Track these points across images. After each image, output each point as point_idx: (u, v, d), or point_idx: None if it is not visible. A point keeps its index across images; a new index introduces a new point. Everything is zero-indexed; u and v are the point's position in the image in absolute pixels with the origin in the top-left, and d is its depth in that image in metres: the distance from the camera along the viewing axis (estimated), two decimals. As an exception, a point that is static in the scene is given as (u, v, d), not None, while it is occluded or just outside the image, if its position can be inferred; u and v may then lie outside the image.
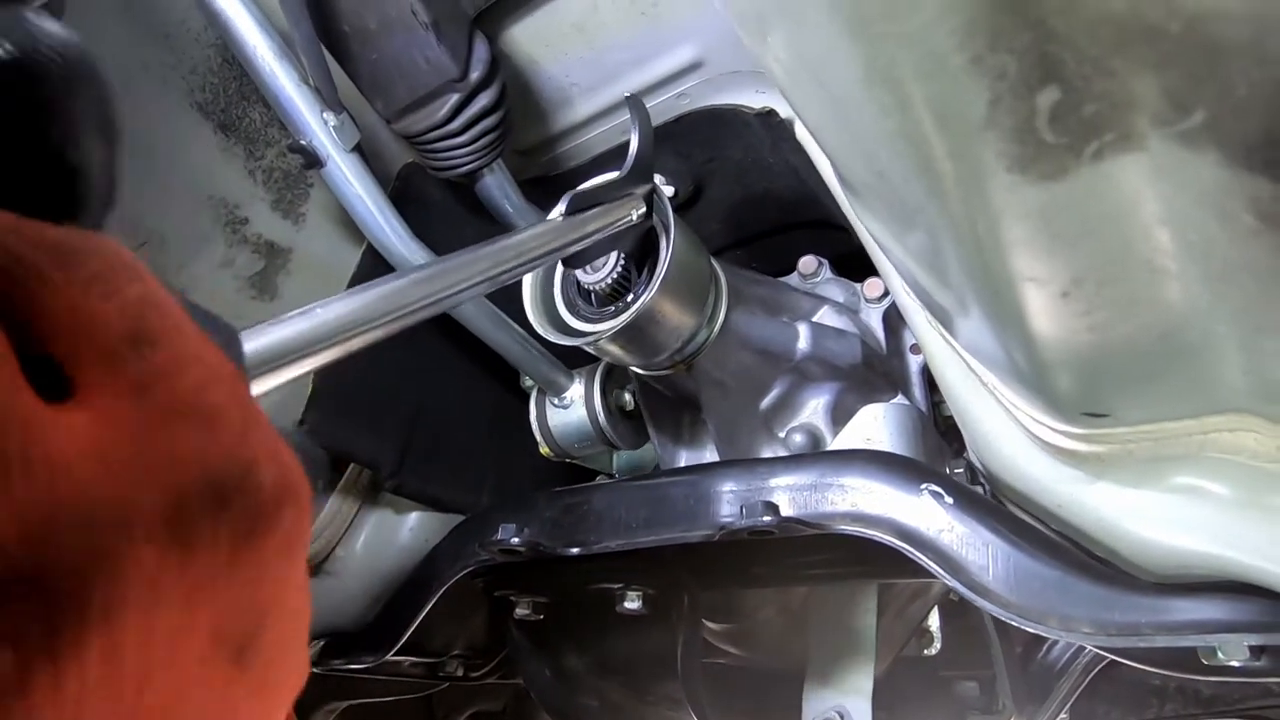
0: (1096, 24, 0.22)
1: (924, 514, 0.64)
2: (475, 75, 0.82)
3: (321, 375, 0.90)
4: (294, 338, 0.33)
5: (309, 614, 0.24)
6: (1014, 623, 0.57)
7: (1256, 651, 0.54)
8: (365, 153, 0.85)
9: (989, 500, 0.65)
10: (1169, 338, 0.36)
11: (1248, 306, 0.31)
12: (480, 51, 0.83)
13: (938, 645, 1.01)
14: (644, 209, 0.71)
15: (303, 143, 0.77)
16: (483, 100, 0.85)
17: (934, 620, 1.00)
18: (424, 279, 0.43)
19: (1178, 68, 0.22)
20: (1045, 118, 0.25)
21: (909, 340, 1.06)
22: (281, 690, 0.22)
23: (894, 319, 1.04)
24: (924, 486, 0.65)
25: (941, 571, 0.61)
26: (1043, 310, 0.36)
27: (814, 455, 0.82)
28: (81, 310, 0.18)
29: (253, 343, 0.30)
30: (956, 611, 1.02)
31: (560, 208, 0.62)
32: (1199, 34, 0.21)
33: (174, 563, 0.17)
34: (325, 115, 0.77)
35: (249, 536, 0.19)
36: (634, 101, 0.67)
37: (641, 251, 0.81)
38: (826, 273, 1.09)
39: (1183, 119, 0.24)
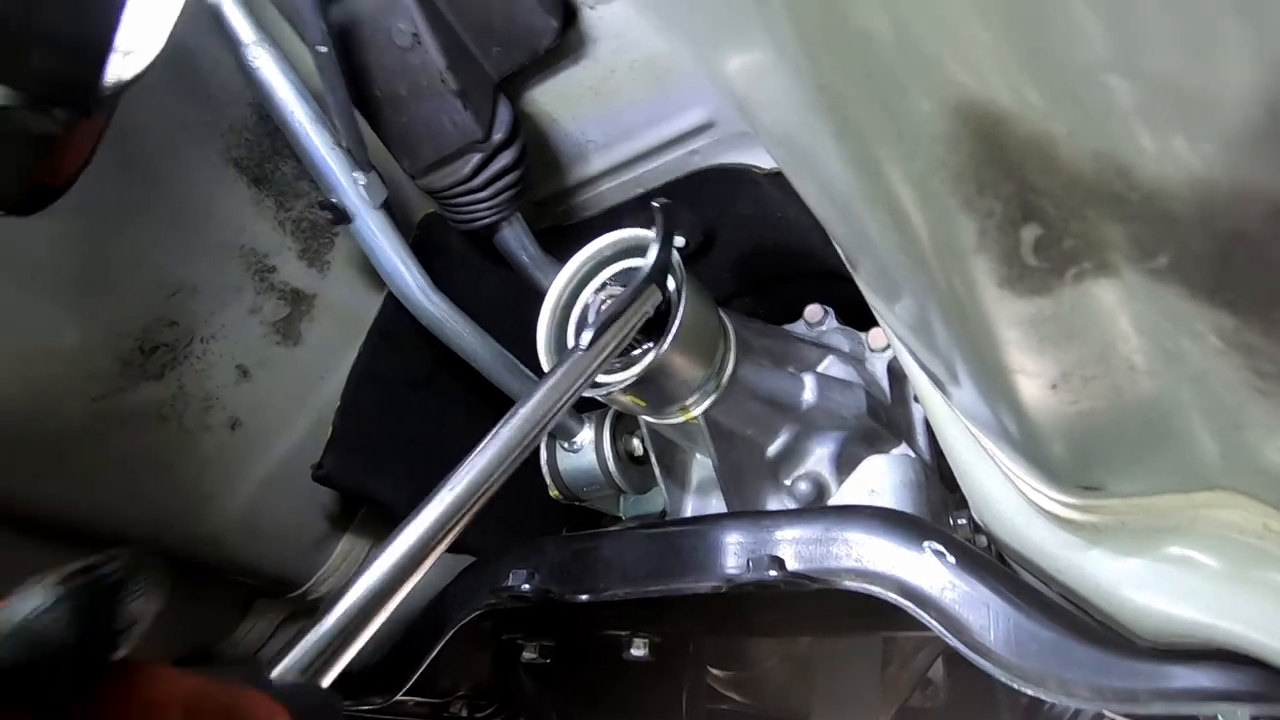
0: (1070, 184, 0.25)
1: (927, 572, 0.65)
2: (498, 136, 0.87)
3: (341, 418, 0.93)
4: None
5: None
6: (1013, 684, 0.58)
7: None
8: (390, 206, 0.90)
9: (991, 560, 0.66)
10: (1152, 425, 0.38)
11: (1222, 406, 0.33)
12: (503, 114, 0.87)
13: (943, 696, 1.01)
14: (659, 298, 0.74)
15: (333, 200, 0.81)
16: (504, 159, 0.89)
17: (938, 671, 1.00)
18: (481, 469, 0.51)
19: (1140, 224, 0.25)
20: (1029, 248, 0.28)
21: (913, 390, 1.08)
22: None
23: (898, 369, 1.06)
24: (927, 544, 0.67)
25: (943, 630, 0.63)
26: (1033, 398, 0.38)
27: (819, 510, 0.84)
28: None
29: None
30: (962, 662, 1.02)
31: (585, 339, 0.65)
32: (1155, 204, 0.24)
33: None
34: (355, 175, 0.81)
35: None
36: (662, 209, 0.71)
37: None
38: (832, 322, 1.11)
39: (1149, 260, 0.26)
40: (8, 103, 0.39)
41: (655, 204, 0.69)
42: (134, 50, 0.45)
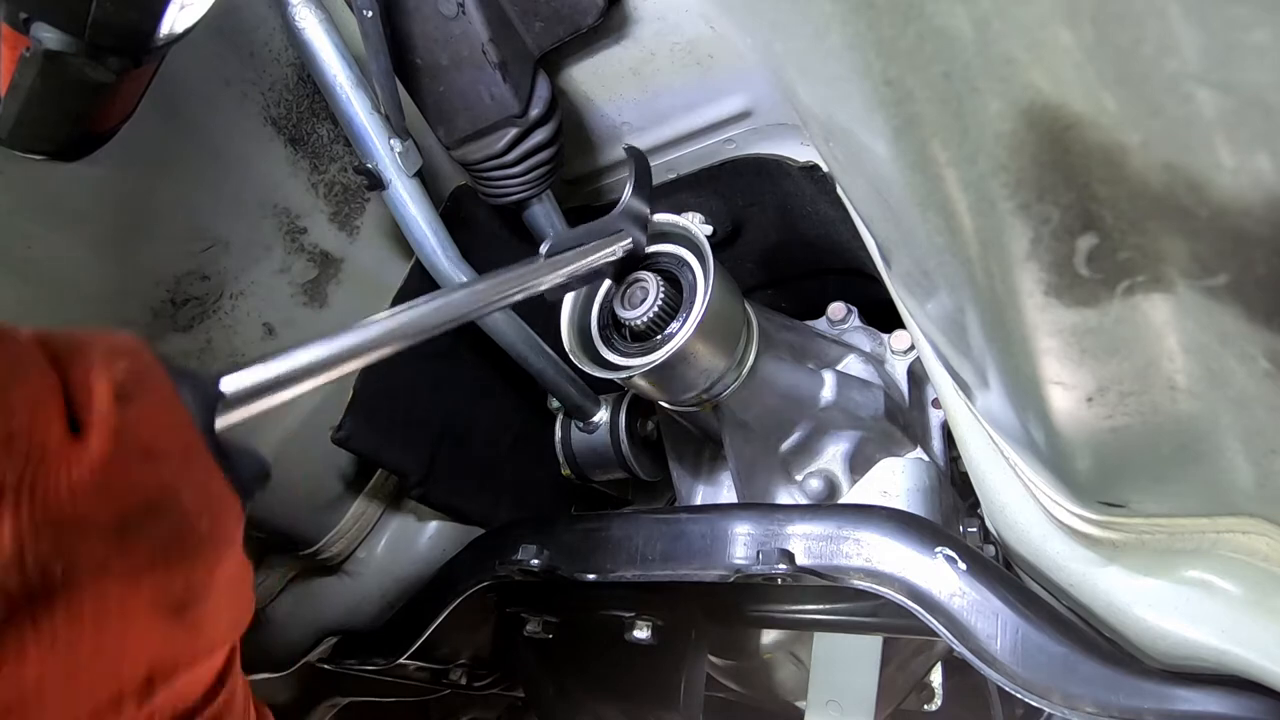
0: (1136, 195, 0.25)
1: (937, 577, 0.65)
2: (535, 112, 0.86)
3: (362, 383, 0.94)
4: (286, 371, 0.41)
5: (248, 578, 0.35)
6: (1017, 694, 0.59)
7: (1257, 744, 0.54)
8: (424, 176, 0.90)
9: (1002, 570, 0.66)
10: (1186, 446, 0.38)
11: (1261, 430, 0.33)
12: (542, 90, 0.87)
13: (939, 701, 1.01)
14: (630, 244, 0.75)
15: (369, 166, 0.81)
16: (539, 135, 0.88)
17: (936, 676, 1.00)
18: (424, 312, 0.49)
19: (1204, 241, 0.25)
20: (1083, 258, 0.28)
21: (931, 394, 1.07)
22: (217, 629, 0.32)
23: (918, 372, 1.05)
24: (939, 550, 0.67)
25: (949, 635, 0.63)
26: (1065, 410, 0.38)
27: (832, 507, 0.84)
28: (89, 381, 0.29)
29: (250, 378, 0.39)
30: (959, 669, 1.02)
31: (543, 249, 0.66)
32: (1224, 221, 0.23)
33: (117, 552, 0.27)
34: (392, 142, 0.82)
35: (178, 537, 0.30)
36: (632, 152, 0.72)
37: (680, 291, 0.84)
38: (855, 321, 1.11)
39: (1208, 278, 0.26)
40: (67, 49, 0.40)
41: (626, 147, 0.71)
42: (191, 3, 0.45)
